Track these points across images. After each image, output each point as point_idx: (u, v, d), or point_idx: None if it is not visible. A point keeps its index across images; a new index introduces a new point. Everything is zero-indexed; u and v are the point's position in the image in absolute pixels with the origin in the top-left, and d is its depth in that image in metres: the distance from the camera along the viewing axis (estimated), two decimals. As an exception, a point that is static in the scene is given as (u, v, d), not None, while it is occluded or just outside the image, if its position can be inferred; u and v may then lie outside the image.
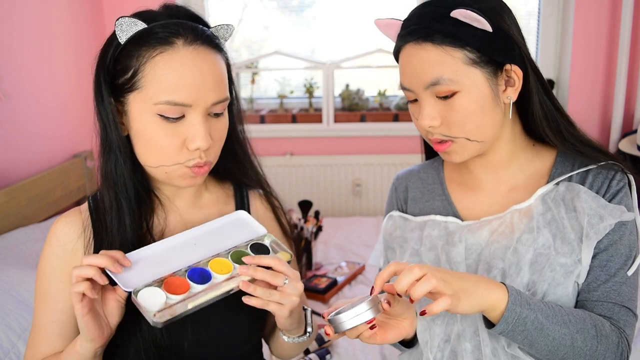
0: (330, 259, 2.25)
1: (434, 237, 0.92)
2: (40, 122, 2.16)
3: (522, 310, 0.72)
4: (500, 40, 0.79)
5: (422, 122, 0.82)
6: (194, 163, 0.77)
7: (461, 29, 0.78)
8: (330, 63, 2.89)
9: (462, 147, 0.83)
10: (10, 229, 1.81)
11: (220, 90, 0.77)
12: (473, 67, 0.79)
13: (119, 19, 0.74)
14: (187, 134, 0.75)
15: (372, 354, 1.58)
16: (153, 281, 0.73)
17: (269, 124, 2.96)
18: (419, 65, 0.80)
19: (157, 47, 0.73)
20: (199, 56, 0.75)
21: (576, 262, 0.80)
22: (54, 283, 0.81)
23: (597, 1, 2.56)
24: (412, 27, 0.81)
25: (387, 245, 1.02)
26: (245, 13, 3.06)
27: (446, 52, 0.78)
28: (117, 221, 0.80)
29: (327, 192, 3.00)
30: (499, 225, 0.87)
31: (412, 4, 2.91)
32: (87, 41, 2.52)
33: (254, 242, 0.82)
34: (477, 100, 0.80)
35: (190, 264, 0.77)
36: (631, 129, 2.59)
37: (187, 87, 0.73)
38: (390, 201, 1.06)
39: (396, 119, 2.94)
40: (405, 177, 1.06)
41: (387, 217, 1.03)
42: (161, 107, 0.73)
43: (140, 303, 0.71)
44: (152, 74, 0.73)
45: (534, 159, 0.90)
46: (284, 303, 0.75)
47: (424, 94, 0.81)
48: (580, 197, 0.82)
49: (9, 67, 1.95)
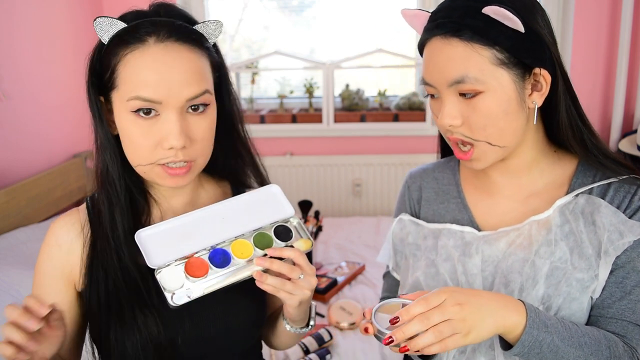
0: (330, 259, 2.25)
1: (450, 247, 0.89)
2: (40, 122, 2.16)
3: (539, 334, 0.71)
4: (531, 42, 0.76)
5: (443, 120, 0.79)
6: (167, 161, 0.76)
7: (492, 27, 0.74)
8: (330, 63, 2.89)
9: (483, 152, 0.81)
10: (10, 229, 1.81)
11: (195, 85, 0.75)
12: (500, 68, 0.76)
13: (96, 19, 0.76)
14: (161, 132, 0.75)
15: (372, 354, 1.58)
16: (176, 260, 0.75)
17: (269, 124, 2.96)
18: (444, 61, 0.77)
19: (130, 45, 0.74)
20: (168, 53, 0.74)
21: (593, 277, 0.78)
22: (48, 280, 0.82)
23: (597, 1, 2.56)
24: (440, 21, 0.78)
25: (396, 249, 0.99)
26: (245, 13, 3.06)
27: (474, 49, 0.75)
28: (110, 220, 0.80)
29: (327, 192, 3.00)
30: (517, 237, 0.84)
31: (412, 5, 2.90)
32: (87, 41, 2.52)
33: (278, 225, 0.82)
34: (502, 103, 0.76)
35: (214, 242, 0.78)
36: (631, 129, 2.59)
37: (155, 83, 0.73)
38: (401, 200, 1.03)
39: (396, 119, 2.94)
40: (419, 176, 1.02)
41: (397, 220, 0.99)
42: (132, 102, 0.74)
43: (162, 283, 0.73)
44: (125, 72, 0.74)
45: (554, 166, 0.88)
46: (295, 294, 0.76)
47: (447, 91, 0.78)
48: (600, 211, 0.80)
49: (9, 67, 1.95)
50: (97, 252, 0.80)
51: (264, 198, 0.84)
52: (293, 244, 0.81)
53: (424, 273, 0.90)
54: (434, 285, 0.89)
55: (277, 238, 0.81)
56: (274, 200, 0.84)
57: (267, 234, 0.81)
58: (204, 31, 0.80)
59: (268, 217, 0.82)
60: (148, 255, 0.74)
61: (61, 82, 2.32)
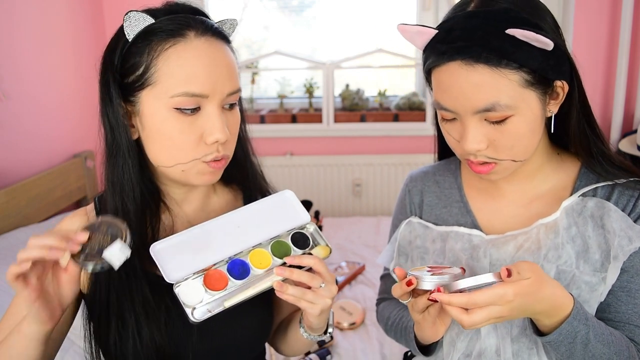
0: (330, 258, 2.25)
1: (457, 251, 0.88)
2: (40, 122, 2.16)
3: (579, 325, 0.71)
4: (556, 58, 0.72)
5: (468, 146, 0.75)
6: (211, 157, 0.75)
7: (519, 49, 0.69)
8: (330, 63, 2.89)
9: (505, 168, 0.78)
10: (10, 229, 1.81)
11: (234, 80, 0.77)
12: (528, 89, 0.72)
13: (128, 13, 0.73)
14: (204, 127, 0.74)
15: (372, 354, 1.58)
16: (194, 273, 0.73)
17: (269, 124, 2.96)
18: (470, 88, 0.71)
19: (168, 39, 0.72)
20: (211, 47, 0.74)
21: (600, 280, 0.78)
22: None
23: (597, 1, 2.56)
24: (460, 44, 0.71)
25: (401, 251, 0.98)
26: (245, 13, 3.06)
27: (502, 74, 0.70)
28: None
29: (327, 192, 3.00)
30: (525, 241, 0.83)
31: (412, 5, 2.90)
32: (87, 41, 2.52)
33: (295, 232, 0.80)
34: (530, 123, 0.74)
35: (231, 253, 0.75)
36: (631, 129, 2.59)
37: (203, 78, 0.72)
38: (401, 204, 1.01)
39: (396, 119, 2.94)
40: (420, 179, 0.99)
41: (406, 222, 0.98)
42: (178, 99, 0.72)
43: (181, 298, 0.71)
44: (166, 67, 0.72)
45: (558, 170, 0.86)
46: (316, 303, 0.74)
47: (472, 118, 0.74)
48: (610, 215, 0.78)
49: (9, 67, 1.95)
50: None
51: (278, 204, 0.81)
52: (311, 252, 0.79)
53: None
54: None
55: (295, 246, 0.79)
56: (288, 207, 0.82)
57: (284, 242, 0.79)
58: (223, 28, 0.80)
59: (284, 224, 0.80)
60: (165, 270, 0.71)
61: (61, 82, 2.32)
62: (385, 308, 1.03)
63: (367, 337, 1.66)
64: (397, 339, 0.98)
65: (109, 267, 0.65)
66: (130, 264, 0.77)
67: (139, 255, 0.77)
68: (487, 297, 0.65)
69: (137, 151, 0.77)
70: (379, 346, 1.61)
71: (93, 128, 0.80)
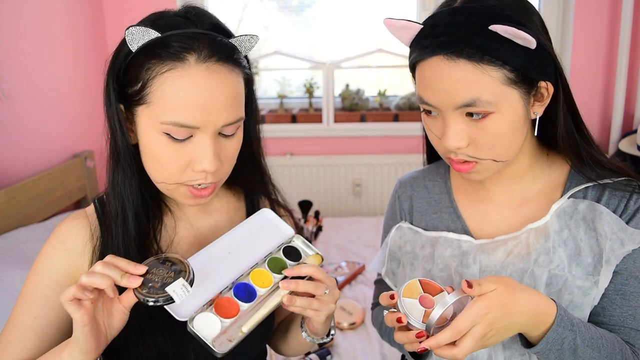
0: (330, 259, 2.25)
1: (447, 257, 0.87)
2: (40, 122, 2.16)
3: (564, 332, 0.71)
4: (540, 57, 0.72)
5: (448, 143, 0.75)
6: (196, 184, 0.74)
7: (502, 45, 0.69)
8: (330, 63, 2.89)
9: (486, 168, 0.78)
10: (10, 229, 1.81)
11: (232, 111, 0.72)
12: (510, 87, 0.72)
13: (128, 29, 0.69)
14: (193, 154, 0.72)
15: (372, 354, 1.58)
16: (204, 305, 0.72)
17: (269, 124, 2.96)
18: (451, 83, 0.71)
19: (167, 62, 0.69)
20: (211, 75, 0.69)
21: (592, 284, 0.78)
22: (46, 281, 0.78)
23: (597, 1, 2.56)
24: (443, 39, 0.71)
25: (392, 256, 0.98)
26: (245, 13, 3.06)
27: (484, 71, 0.70)
28: (123, 230, 0.77)
29: (327, 192, 3.00)
30: (514, 247, 0.82)
31: (412, 5, 2.90)
32: (87, 41, 2.52)
33: (284, 246, 0.82)
34: (511, 122, 0.73)
35: (231, 278, 0.75)
36: (631, 129, 2.59)
37: (195, 109, 0.69)
38: (391, 209, 1.01)
39: (396, 119, 2.94)
40: (409, 185, 0.99)
41: (396, 228, 0.97)
42: (167, 127, 0.70)
43: (198, 332, 0.69)
44: (160, 91, 0.69)
45: (547, 171, 0.86)
46: (322, 310, 0.75)
47: (453, 113, 0.74)
48: (602, 218, 0.78)
49: (9, 67, 1.95)
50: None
51: (260, 224, 0.83)
52: (305, 262, 0.80)
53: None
54: None
55: (289, 259, 0.81)
56: (270, 225, 0.84)
57: (279, 258, 0.81)
58: (238, 44, 0.75)
59: (271, 241, 0.81)
60: (173, 309, 0.69)
61: (61, 82, 2.32)
62: (379, 313, 1.04)
63: (367, 337, 1.66)
64: (391, 343, 0.98)
65: (166, 302, 0.65)
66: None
67: (143, 254, 0.77)
68: (466, 319, 0.67)
69: (138, 156, 0.77)
70: (379, 346, 1.61)
71: (93, 128, 0.80)
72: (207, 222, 0.87)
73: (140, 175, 0.77)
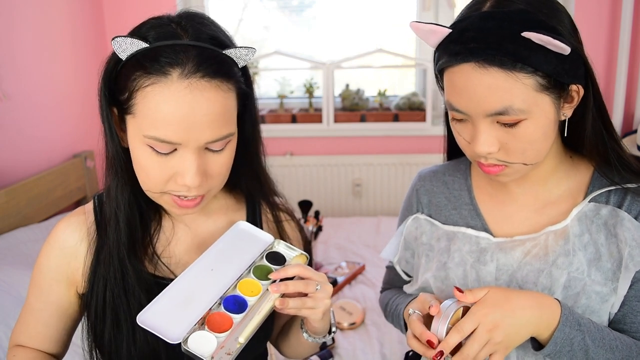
0: (331, 259, 2.25)
1: (464, 253, 0.87)
2: (40, 122, 2.16)
3: (571, 332, 0.71)
4: (571, 61, 0.71)
5: (479, 149, 0.74)
6: (179, 194, 0.73)
7: (534, 52, 0.67)
8: (330, 63, 2.89)
9: (515, 171, 0.77)
10: (10, 229, 1.81)
11: (217, 128, 0.70)
12: (542, 94, 0.71)
13: (114, 39, 0.68)
14: (176, 168, 0.71)
15: (372, 354, 1.58)
16: (195, 325, 0.70)
17: (269, 124, 2.96)
18: (483, 91, 0.70)
19: (151, 75, 0.67)
20: (192, 92, 0.67)
21: (611, 291, 0.77)
22: (47, 280, 0.82)
23: (597, 1, 2.56)
24: (474, 45, 0.69)
25: (407, 245, 0.98)
26: (245, 13, 3.06)
27: (517, 78, 0.69)
28: (116, 235, 0.78)
29: (327, 192, 3.00)
30: (533, 247, 0.82)
31: (412, 4, 2.90)
32: (87, 41, 2.52)
33: (268, 252, 0.81)
34: (543, 127, 0.72)
35: (219, 294, 0.74)
36: (631, 129, 2.59)
37: (175, 126, 0.67)
38: (409, 202, 1.00)
39: (396, 119, 2.94)
40: (429, 179, 0.98)
41: (413, 218, 0.97)
42: (149, 140, 0.69)
43: (193, 351, 0.68)
44: (143, 104, 0.68)
45: (570, 174, 0.85)
46: (317, 307, 0.74)
47: (484, 120, 0.73)
48: (623, 225, 0.77)
49: (9, 67, 1.95)
50: (101, 261, 0.79)
51: (239, 236, 0.82)
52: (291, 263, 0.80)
53: (434, 276, 0.89)
54: (443, 289, 0.88)
55: (274, 264, 0.80)
56: (248, 235, 0.83)
57: (263, 265, 0.80)
58: (234, 56, 0.72)
59: (252, 251, 0.81)
60: (163, 333, 0.68)
61: (61, 83, 2.32)
62: (385, 295, 1.06)
63: (367, 337, 1.66)
64: (394, 325, 1.00)
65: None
66: (126, 266, 0.78)
67: (136, 258, 0.78)
68: (469, 320, 0.69)
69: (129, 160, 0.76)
70: (379, 346, 1.61)
71: (93, 128, 0.81)
72: (206, 224, 0.87)
73: (134, 179, 0.77)
